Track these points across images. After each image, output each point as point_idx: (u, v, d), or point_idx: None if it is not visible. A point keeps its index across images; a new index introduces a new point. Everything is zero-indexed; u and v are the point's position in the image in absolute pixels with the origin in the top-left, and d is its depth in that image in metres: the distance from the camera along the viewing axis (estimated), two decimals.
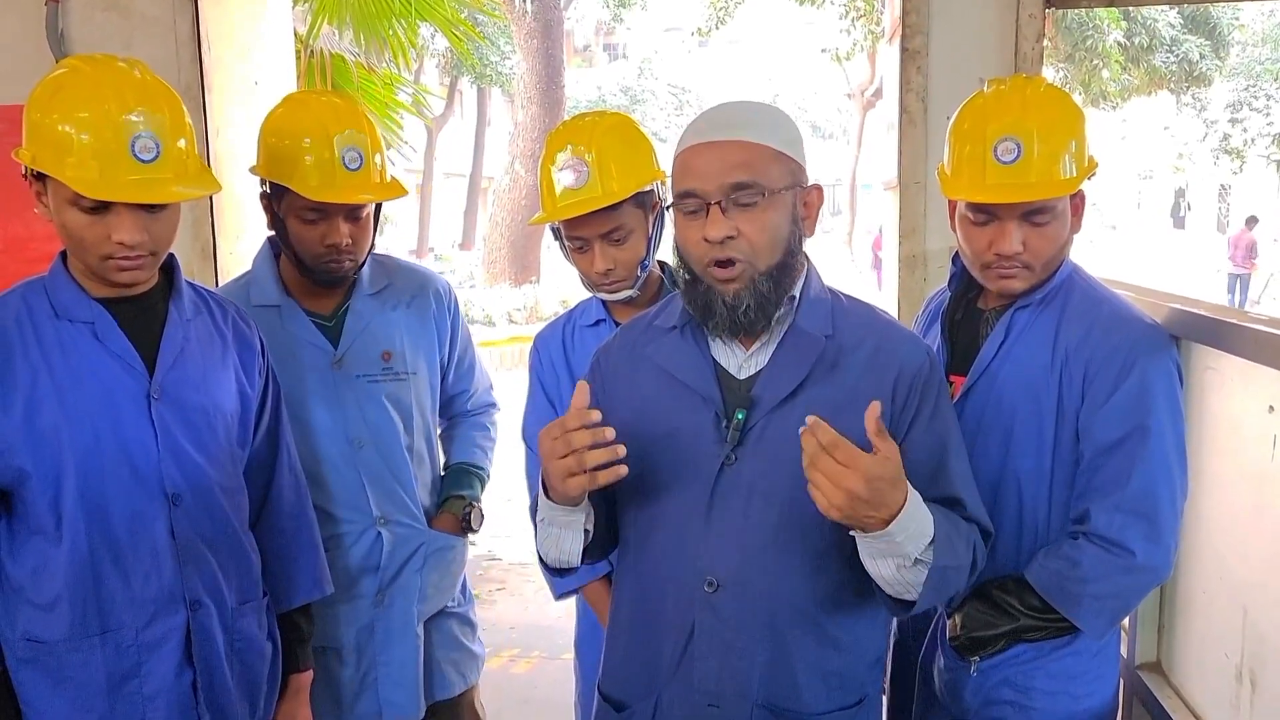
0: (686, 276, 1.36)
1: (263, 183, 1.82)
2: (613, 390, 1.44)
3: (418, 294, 1.96)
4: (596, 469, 1.25)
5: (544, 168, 1.77)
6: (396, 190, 1.83)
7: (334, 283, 1.84)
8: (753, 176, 1.29)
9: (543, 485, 1.35)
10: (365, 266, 1.90)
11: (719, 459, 1.32)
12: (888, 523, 1.18)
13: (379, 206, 1.88)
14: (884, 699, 1.44)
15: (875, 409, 1.17)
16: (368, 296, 1.89)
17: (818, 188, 1.37)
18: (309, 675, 1.78)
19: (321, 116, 1.77)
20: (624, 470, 1.26)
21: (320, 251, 1.78)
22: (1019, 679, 1.58)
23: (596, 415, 1.24)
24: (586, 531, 1.38)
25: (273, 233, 1.87)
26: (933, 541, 1.22)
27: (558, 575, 1.47)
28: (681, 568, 1.34)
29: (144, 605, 1.52)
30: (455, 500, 2.04)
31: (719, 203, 1.28)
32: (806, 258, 1.39)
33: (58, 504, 1.48)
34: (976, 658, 1.58)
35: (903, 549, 1.21)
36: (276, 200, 1.80)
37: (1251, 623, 1.56)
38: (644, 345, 1.43)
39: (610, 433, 1.24)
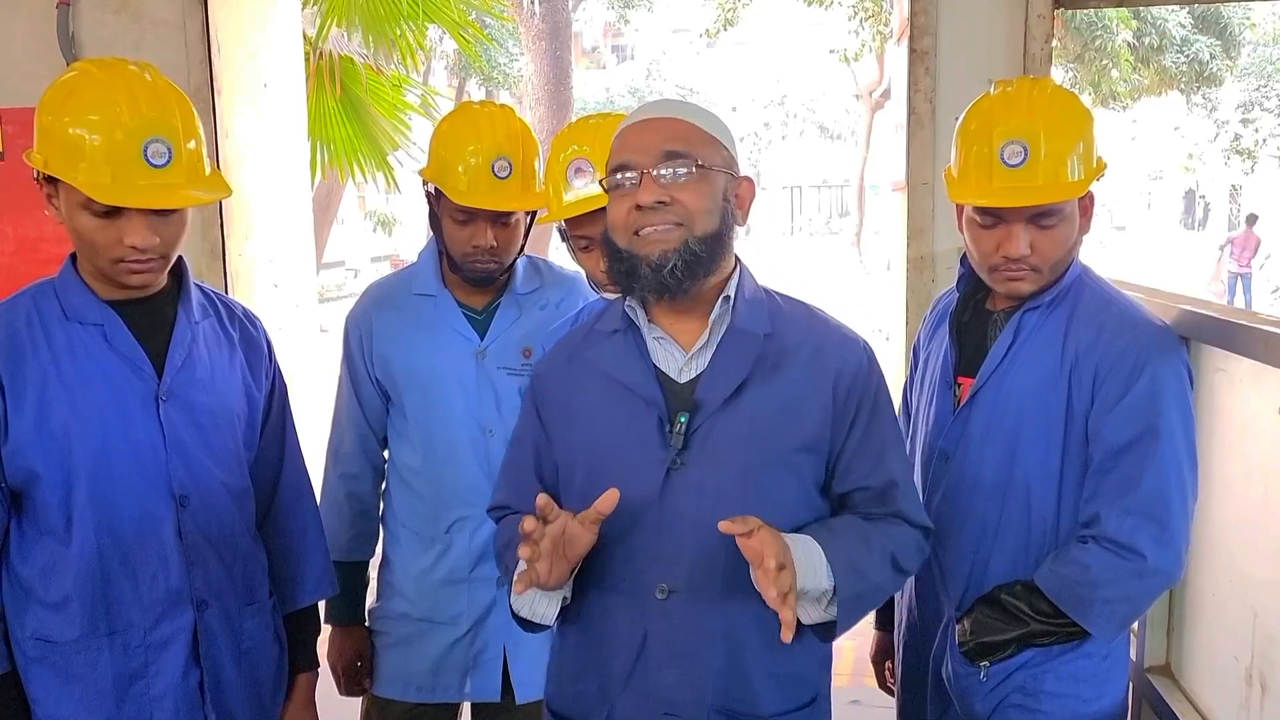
0: (609, 255, 1.35)
1: (425, 183, 1.94)
2: (555, 400, 1.43)
3: (565, 298, 2.03)
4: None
5: (550, 168, 1.79)
6: (540, 200, 1.90)
7: (479, 281, 1.92)
8: (687, 148, 1.31)
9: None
10: (520, 268, 1.99)
11: (665, 464, 1.32)
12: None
13: (533, 214, 1.95)
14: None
15: (727, 527, 1.20)
16: (519, 295, 1.98)
17: (749, 180, 1.39)
18: (315, 674, 1.79)
19: (478, 126, 1.89)
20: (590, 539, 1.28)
21: (467, 251, 1.87)
22: (1028, 682, 1.58)
23: (544, 503, 1.25)
24: (565, 597, 1.38)
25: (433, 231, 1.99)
26: (832, 572, 1.27)
27: (524, 627, 1.43)
28: (631, 575, 1.33)
29: (152, 606, 1.52)
30: None
31: (651, 171, 1.29)
32: (739, 259, 1.40)
33: (67, 505, 1.48)
34: (986, 663, 1.58)
35: (817, 589, 1.27)
36: (436, 201, 1.91)
37: (1261, 625, 1.55)
38: (584, 350, 1.42)
39: (548, 521, 1.24)
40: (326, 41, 5.08)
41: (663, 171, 1.29)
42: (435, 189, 1.90)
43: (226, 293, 2.82)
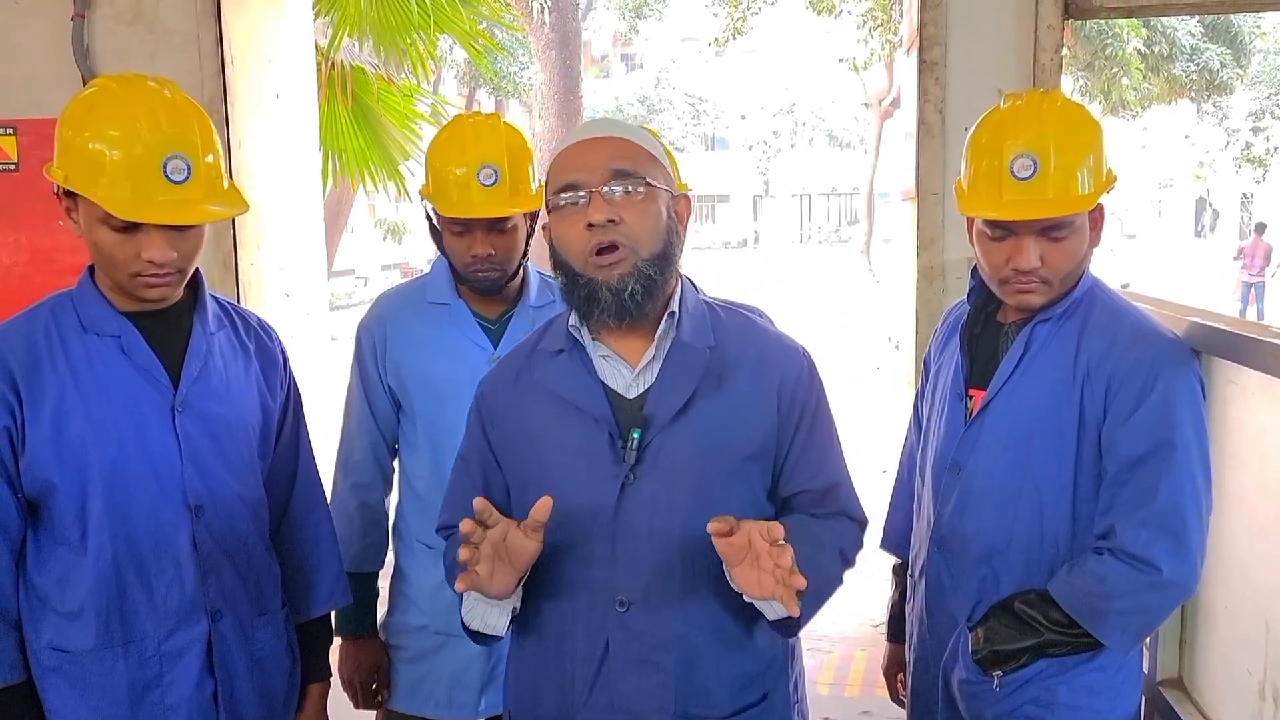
0: (564, 277, 1.36)
1: (424, 200, 1.96)
2: (501, 422, 1.44)
3: None
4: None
5: None
6: (532, 203, 1.91)
7: (485, 290, 1.93)
8: (633, 167, 1.33)
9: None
10: (534, 282, 1.99)
11: (619, 479, 1.33)
12: None
13: (534, 219, 1.96)
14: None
15: (716, 526, 1.20)
16: (532, 308, 1.98)
17: (687, 199, 1.42)
18: (327, 685, 1.79)
19: (463, 138, 1.91)
20: (536, 547, 1.27)
21: (467, 262, 1.89)
22: (1042, 694, 1.57)
23: (481, 506, 1.24)
24: (514, 609, 1.38)
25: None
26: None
27: (477, 640, 1.44)
28: (590, 590, 1.35)
29: (166, 616, 1.53)
30: None
31: (600, 190, 1.31)
32: (679, 273, 1.41)
33: (83, 515, 1.49)
34: (999, 672, 1.58)
35: None
36: (436, 215, 1.93)
37: (1275, 638, 1.55)
38: (529, 371, 1.43)
39: (488, 514, 1.24)
40: (338, 52, 5.11)
41: (613, 189, 1.31)
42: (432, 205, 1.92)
43: (238, 302, 2.83)
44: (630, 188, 1.32)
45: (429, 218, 1.95)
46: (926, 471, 1.75)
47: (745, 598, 1.28)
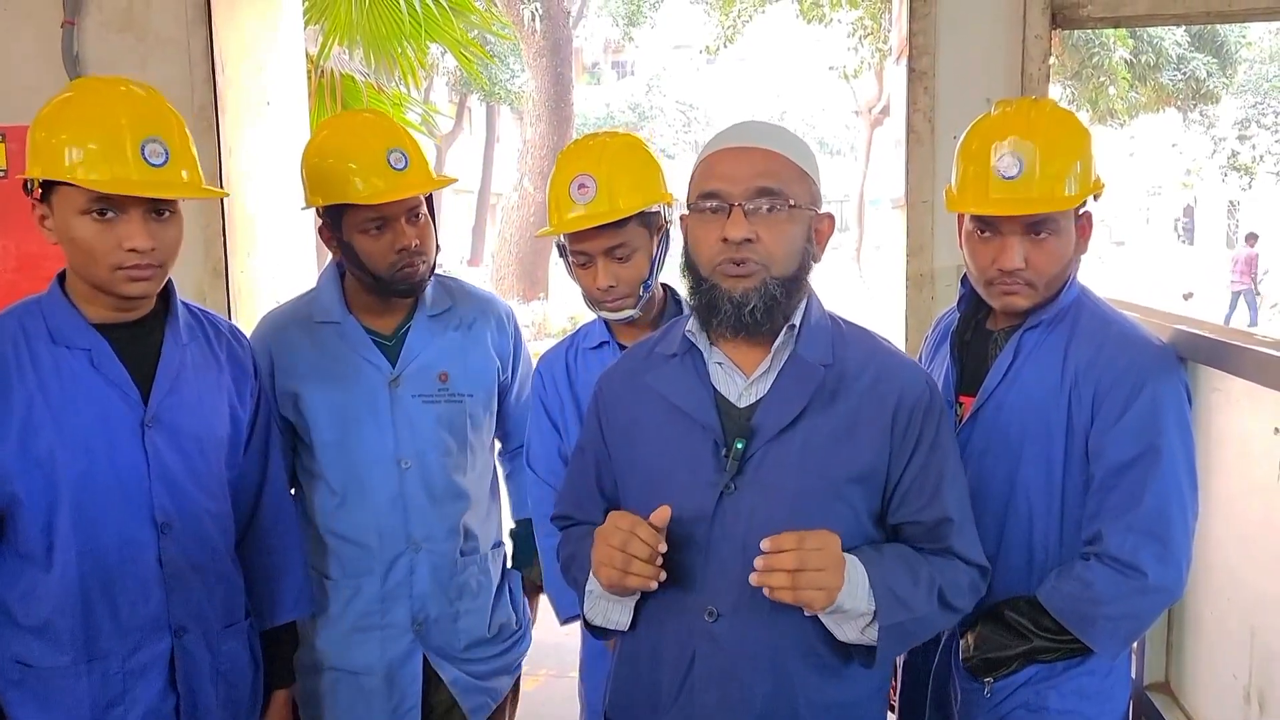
0: (692, 279, 1.35)
1: (319, 214, 1.83)
2: (614, 418, 1.44)
3: (479, 318, 1.95)
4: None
5: (553, 184, 1.79)
6: (446, 179, 1.84)
7: (411, 290, 1.83)
8: (779, 185, 1.30)
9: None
10: (430, 288, 1.89)
11: (718, 488, 1.32)
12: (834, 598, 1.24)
13: (434, 212, 1.87)
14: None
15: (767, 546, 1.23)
16: (429, 318, 1.89)
17: (830, 217, 1.39)
18: (290, 691, 1.77)
19: (357, 130, 1.81)
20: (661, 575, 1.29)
21: (392, 259, 1.78)
22: (1032, 698, 1.58)
23: (662, 520, 1.27)
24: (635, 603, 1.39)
25: (340, 260, 1.87)
26: (873, 596, 1.27)
27: (595, 634, 1.45)
28: (681, 596, 1.34)
29: (130, 633, 1.51)
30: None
31: (741, 205, 1.28)
32: (808, 284, 1.39)
33: (49, 530, 1.47)
34: (990, 679, 1.58)
35: (856, 610, 1.27)
36: (336, 225, 1.80)
37: (1261, 643, 1.56)
38: (644, 372, 1.42)
39: (663, 546, 1.27)
40: (328, 60, 5.10)
41: (755, 206, 1.28)
42: (330, 212, 1.78)
43: (229, 310, 2.83)
44: (772, 207, 1.29)
45: (329, 231, 1.81)
46: None
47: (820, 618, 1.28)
